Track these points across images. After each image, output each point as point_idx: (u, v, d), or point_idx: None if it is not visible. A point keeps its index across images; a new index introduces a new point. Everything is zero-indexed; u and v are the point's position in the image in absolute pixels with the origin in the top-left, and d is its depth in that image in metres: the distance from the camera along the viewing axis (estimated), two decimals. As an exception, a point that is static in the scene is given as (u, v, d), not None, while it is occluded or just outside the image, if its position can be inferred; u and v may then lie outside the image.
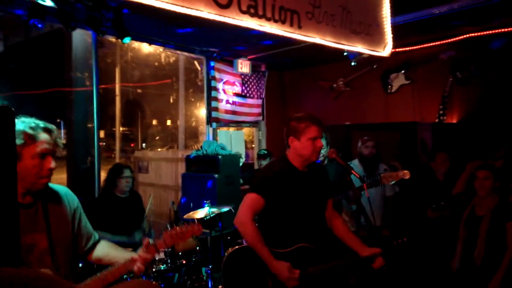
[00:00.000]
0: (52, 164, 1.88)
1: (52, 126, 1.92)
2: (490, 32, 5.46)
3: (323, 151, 3.73)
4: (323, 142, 2.85)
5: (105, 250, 2.17)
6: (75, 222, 2.06)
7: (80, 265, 3.17)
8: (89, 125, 5.68)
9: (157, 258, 3.70)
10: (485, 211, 3.40)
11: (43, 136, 1.85)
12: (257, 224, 2.62)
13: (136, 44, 9.64)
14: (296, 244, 2.58)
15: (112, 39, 5.58)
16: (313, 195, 2.69)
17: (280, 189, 2.60)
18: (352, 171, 2.65)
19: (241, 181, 5.67)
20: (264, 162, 5.91)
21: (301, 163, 2.66)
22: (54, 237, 1.90)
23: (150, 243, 2.04)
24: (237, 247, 2.70)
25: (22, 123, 1.82)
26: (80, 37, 6.12)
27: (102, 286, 1.91)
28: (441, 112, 6.07)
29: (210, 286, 3.90)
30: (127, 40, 5.05)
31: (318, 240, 2.63)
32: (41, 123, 1.88)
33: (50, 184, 2.01)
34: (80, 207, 2.11)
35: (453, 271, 3.64)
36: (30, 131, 1.81)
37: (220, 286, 2.70)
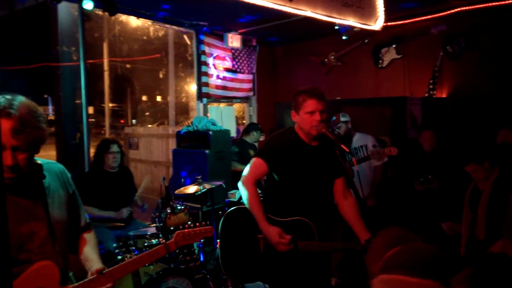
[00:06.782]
0: (8, 161, 1.54)
1: (14, 111, 1.54)
2: (482, 5, 5.42)
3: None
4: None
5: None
6: (73, 205, 1.96)
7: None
8: (77, 101, 5.60)
9: (149, 233, 3.73)
10: (485, 185, 3.26)
11: None
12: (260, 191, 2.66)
13: (123, 17, 9.42)
14: (294, 216, 2.60)
15: (99, 12, 5.44)
16: (317, 171, 2.68)
17: (284, 158, 2.65)
18: (342, 145, 2.66)
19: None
20: (255, 135, 5.88)
21: (305, 136, 2.69)
22: (54, 224, 1.79)
23: (162, 243, 2.11)
24: (238, 206, 2.77)
25: None
26: (66, 10, 5.97)
27: (120, 276, 1.89)
28: (431, 86, 6.08)
29: (201, 259, 3.96)
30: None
31: (317, 216, 2.62)
32: (4, 104, 1.54)
33: (44, 161, 1.86)
34: (75, 188, 1.99)
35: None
36: None
37: (218, 241, 2.79)
